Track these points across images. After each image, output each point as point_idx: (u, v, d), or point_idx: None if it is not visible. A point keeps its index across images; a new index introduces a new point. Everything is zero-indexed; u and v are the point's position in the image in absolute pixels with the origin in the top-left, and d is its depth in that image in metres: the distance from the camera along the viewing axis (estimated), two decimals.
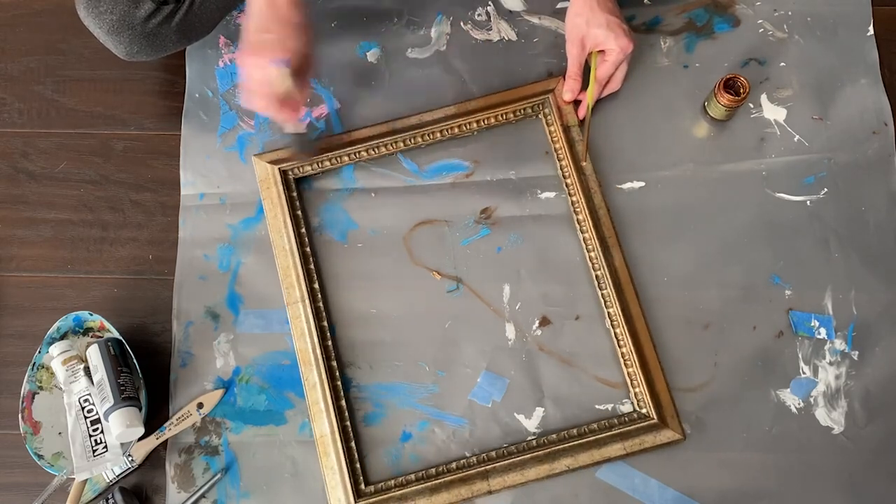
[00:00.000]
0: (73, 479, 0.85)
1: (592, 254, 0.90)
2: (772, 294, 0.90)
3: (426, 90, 0.97)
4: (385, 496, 0.84)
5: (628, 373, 0.87)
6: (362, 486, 0.85)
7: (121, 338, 0.87)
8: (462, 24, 1.00)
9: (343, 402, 0.87)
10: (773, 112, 0.95)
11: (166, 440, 0.88)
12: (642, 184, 0.94)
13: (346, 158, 0.93)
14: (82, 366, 0.87)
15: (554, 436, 0.86)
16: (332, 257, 0.93)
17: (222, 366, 0.91)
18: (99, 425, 0.85)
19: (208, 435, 0.89)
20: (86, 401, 0.86)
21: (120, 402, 0.83)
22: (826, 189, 0.93)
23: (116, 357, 0.86)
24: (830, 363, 0.89)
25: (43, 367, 0.89)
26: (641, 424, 0.85)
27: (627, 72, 0.93)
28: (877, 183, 0.93)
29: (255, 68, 0.75)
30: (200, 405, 0.89)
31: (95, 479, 0.87)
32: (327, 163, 0.93)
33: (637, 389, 0.86)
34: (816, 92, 0.96)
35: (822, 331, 0.89)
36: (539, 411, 0.88)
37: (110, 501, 0.86)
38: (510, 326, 0.91)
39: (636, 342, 0.87)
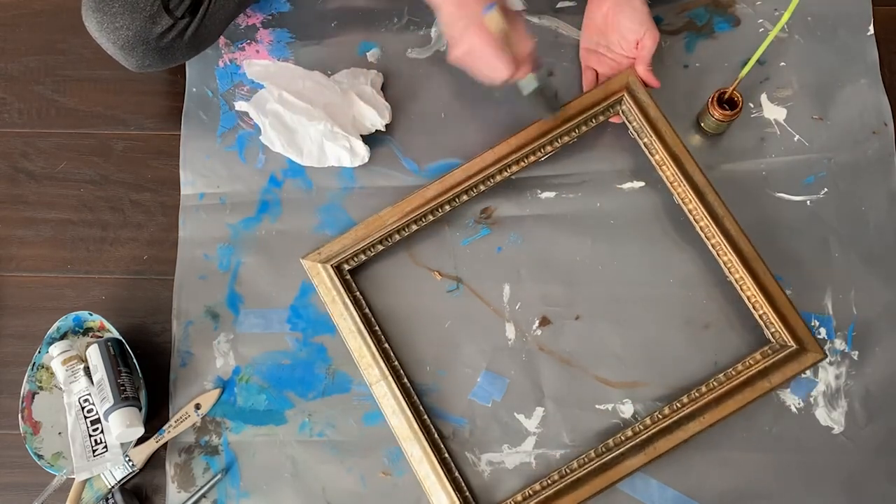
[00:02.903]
0: (73, 479, 0.85)
1: (702, 223, 0.88)
2: None
3: (426, 90, 0.97)
4: None
5: (760, 315, 0.86)
6: None
7: (121, 338, 0.87)
8: None
9: (457, 474, 0.85)
10: (773, 112, 0.95)
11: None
12: (642, 183, 0.94)
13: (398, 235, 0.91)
14: (82, 366, 0.87)
15: (695, 392, 0.85)
16: None
17: (222, 365, 0.91)
18: (99, 425, 0.85)
19: (208, 435, 0.89)
20: (86, 401, 0.86)
21: (120, 402, 0.83)
22: (826, 189, 0.93)
23: (116, 357, 0.86)
24: (830, 363, 0.89)
25: (43, 367, 0.89)
26: (783, 355, 0.84)
27: None
28: (877, 183, 0.93)
29: (473, 49, 0.77)
30: (198, 406, 0.89)
31: (97, 486, 0.87)
32: (379, 246, 0.91)
33: (773, 329, 0.85)
34: (816, 92, 0.96)
35: (822, 331, 0.89)
36: (539, 411, 0.89)
37: (110, 501, 0.86)
38: (510, 326, 0.91)
39: (763, 290, 0.85)
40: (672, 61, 0.97)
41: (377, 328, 0.89)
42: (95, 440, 0.85)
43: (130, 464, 0.87)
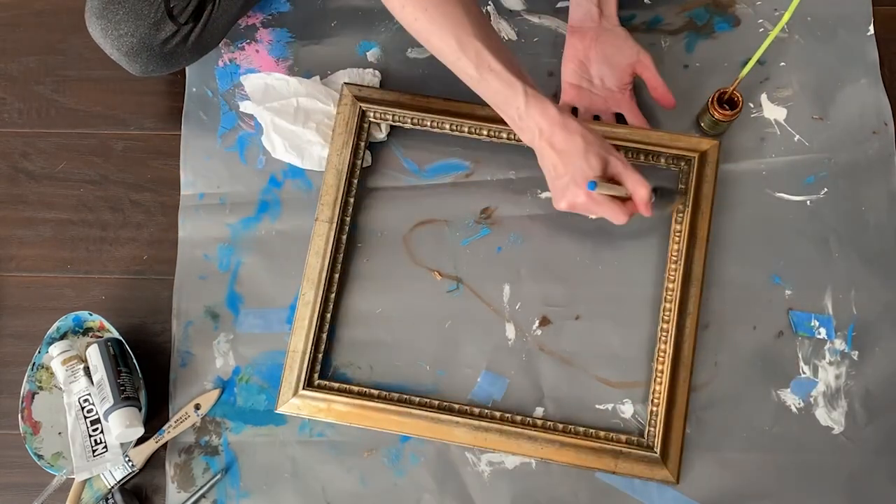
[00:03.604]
0: (73, 478, 0.85)
1: (668, 306, 0.87)
2: (772, 294, 0.90)
3: (426, 90, 0.97)
4: (331, 394, 0.87)
5: (651, 410, 0.85)
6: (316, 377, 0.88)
7: (120, 338, 0.87)
8: None
9: (324, 336, 0.89)
10: (773, 112, 0.95)
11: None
12: None
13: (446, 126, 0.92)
14: (82, 366, 0.87)
15: (560, 425, 0.86)
16: None
17: (222, 365, 0.91)
18: (99, 425, 0.85)
19: (208, 435, 0.89)
20: (85, 401, 0.86)
21: (120, 402, 0.83)
22: (826, 189, 0.93)
23: (116, 357, 0.86)
24: (830, 363, 0.89)
25: (43, 367, 0.89)
26: (642, 453, 0.84)
27: None
28: (877, 183, 0.93)
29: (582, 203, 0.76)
30: (198, 406, 0.89)
31: (97, 486, 0.87)
32: (409, 122, 0.92)
33: (651, 429, 0.85)
34: (816, 92, 0.96)
35: (822, 331, 0.89)
36: (539, 411, 0.89)
37: (110, 501, 0.86)
38: (510, 326, 0.91)
39: (672, 395, 0.85)
40: (672, 61, 0.97)
41: (356, 180, 0.92)
42: (95, 440, 0.85)
43: (130, 464, 0.87)
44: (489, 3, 1.00)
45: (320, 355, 0.88)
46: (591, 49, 0.89)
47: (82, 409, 0.86)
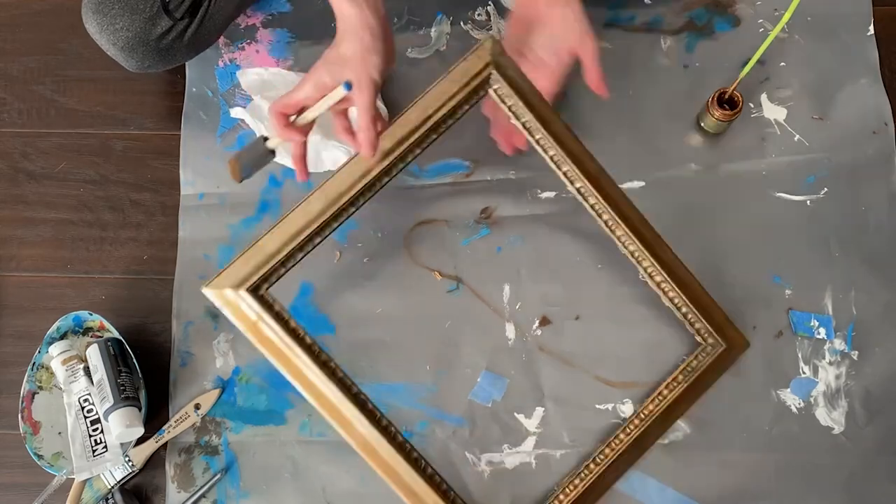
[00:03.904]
0: (73, 478, 0.86)
1: (605, 216, 0.81)
2: (772, 294, 0.90)
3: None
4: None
5: (683, 313, 0.84)
6: None
7: (120, 338, 0.87)
8: (462, 23, 1.00)
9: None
10: (773, 112, 0.96)
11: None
12: (642, 183, 0.94)
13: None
14: (82, 366, 0.87)
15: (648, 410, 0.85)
16: (332, 258, 0.93)
17: (222, 365, 0.91)
18: (99, 425, 0.86)
19: (208, 435, 0.89)
20: (85, 401, 0.86)
21: (120, 402, 0.83)
22: (826, 189, 0.93)
23: (116, 357, 0.86)
24: (830, 363, 0.89)
25: (43, 367, 0.89)
26: (715, 353, 0.84)
27: (628, 71, 0.92)
28: (877, 183, 0.93)
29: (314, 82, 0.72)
30: (198, 406, 0.89)
31: (97, 486, 0.87)
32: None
33: (698, 325, 0.84)
34: (816, 92, 0.96)
35: (822, 331, 0.89)
36: (539, 411, 0.89)
37: (110, 501, 0.86)
38: (510, 326, 0.91)
39: (680, 283, 0.83)
40: (672, 61, 0.97)
41: (314, 346, 0.76)
42: (95, 440, 0.85)
43: (130, 464, 0.87)
44: (489, 3, 1.00)
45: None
46: (539, 13, 0.79)
47: (82, 409, 0.86)
